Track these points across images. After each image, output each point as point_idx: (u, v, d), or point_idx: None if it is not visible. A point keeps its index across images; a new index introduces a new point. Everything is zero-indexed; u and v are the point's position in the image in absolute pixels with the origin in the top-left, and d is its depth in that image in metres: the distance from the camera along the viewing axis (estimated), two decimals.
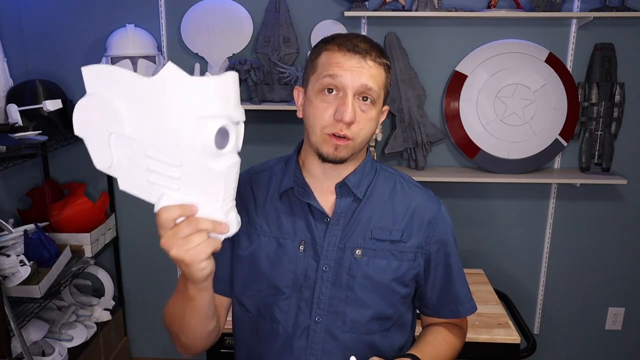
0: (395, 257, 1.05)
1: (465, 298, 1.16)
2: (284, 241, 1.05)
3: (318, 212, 1.04)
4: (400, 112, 2.37)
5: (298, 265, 1.04)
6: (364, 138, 1.00)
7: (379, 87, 0.99)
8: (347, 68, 0.96)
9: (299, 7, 2.33)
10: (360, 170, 1.07)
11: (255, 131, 2.46)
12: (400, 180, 1.12)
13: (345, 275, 1.03)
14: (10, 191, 2.33)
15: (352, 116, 0.95)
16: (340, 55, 0.97)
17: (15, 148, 1.77)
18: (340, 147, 0.97)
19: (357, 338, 1.04)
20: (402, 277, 1.06)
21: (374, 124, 1.01)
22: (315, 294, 1.03)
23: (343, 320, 1.03)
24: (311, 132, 1.00)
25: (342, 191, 1.05)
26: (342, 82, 0.96)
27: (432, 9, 2.24)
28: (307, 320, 1.03)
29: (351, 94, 0.96)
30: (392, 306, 1.06)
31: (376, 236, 1.04)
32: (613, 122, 2.36)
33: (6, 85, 2.06)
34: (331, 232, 1.04)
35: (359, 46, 0.98)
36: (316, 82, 0.99)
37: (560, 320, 2.63)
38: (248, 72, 2.28)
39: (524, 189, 2.48)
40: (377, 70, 0.99)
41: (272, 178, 1.10)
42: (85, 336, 2.24)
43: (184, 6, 2.35)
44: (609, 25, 2.30)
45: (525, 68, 2.31)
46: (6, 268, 1.83)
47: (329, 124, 0.97)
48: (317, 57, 1.01)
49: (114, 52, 2.25)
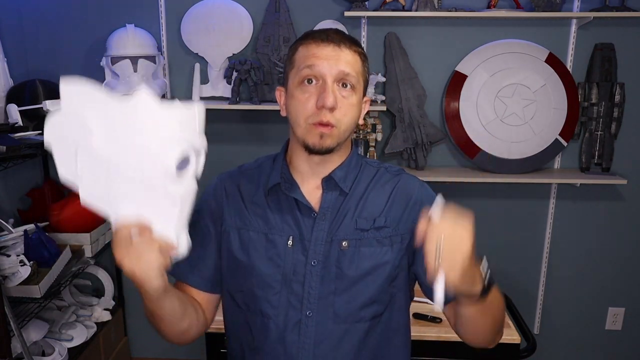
0: (380, 243, 1.05)
1: None
2: (272, 236, 1.06)
3: (305, 207, 1.06)
4: (400, 112, 2.37)
5: (287, 260, 1.05)
6: (347, 125, 1.02)
7: (356, 73, 1.02)
8: (323, 57, 0.99)
9: (299, 7, 2.33)
10: (347, 164, 1.08)
11: (256, 131, 2.46)
12: (382, 169, 1.13)
13: (333, 268, 1.04)
14: (10, 191, 2.33)
15: (334, 101, 0.98)
16: (315, 47, 1.01)
17: (15, 148, 1.77)
18: (326, 136, 0.99)
19: (349, 328, 1.05)
20: (391, 262, 1.06)
21: (356, 110, 1.03)
22: (305, 289, 1.04)
23: (334, 312, 1.04)
24: (296, 125, 1.02)
25: (328, 185, 1.07)
26: (320, 70, 0.99)
27: (432, 9, 2.24)
28: (299, 314, 1.04)
29: (330, 81, 0.99)
30: (382, 291, 1.06)
31: (361, 226, 1.05)
32: (613, 122, 2.36)
33: (6, 85, 2.06)
34: (318, 226, 1.05)
35: (333, 36, 1.02)
36: (295, 76, 1.02)
37: (560, 320, 2.63)
38: (248, 72, 2.28)
39: (524, 189, 2.47)
40: (353, 57, 1.02)
41: (261, 174, 1.12)
42: (85, 336, 2.24)
43: (184, 6, 2.35)
44: (609, 25, 2.30)
45: (525, 68, 2.31)
46: (6, 268, 1.83)
47: (312, 113, 0.99)
48: (294, 54, 1.04)
49: (114, 52, 2.25)
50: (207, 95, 2.41)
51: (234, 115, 2.46)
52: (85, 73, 2.43)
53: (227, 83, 2.33)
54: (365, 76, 1.06)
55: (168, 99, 2.44)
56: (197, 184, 0.84)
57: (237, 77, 2.28)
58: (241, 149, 2.48)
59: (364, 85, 1.06)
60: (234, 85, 2.29)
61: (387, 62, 2.35)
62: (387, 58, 2.35)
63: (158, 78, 2.32)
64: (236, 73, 2.28)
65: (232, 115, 2.46)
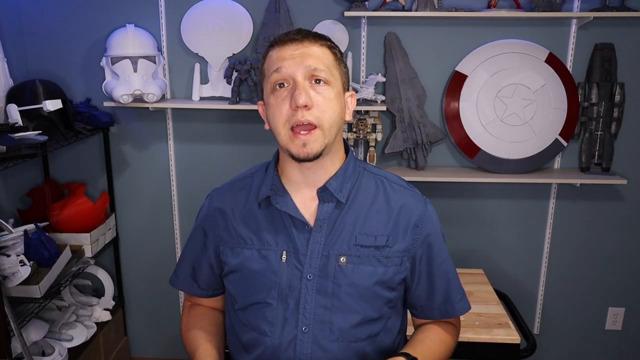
0: (380, 262, 1.03)
1: (455, 298, 1.11)
2: (266, 252, 1.04)
3: (299, 220, 1.02)
4: (400, 112, 2.37)
5: (282, 275, 1.02)
6: (330, 123, 0.97)
7: (326, 67, 0.97)
8: (288, 57, 0.96)
9: (299, 7, 2.33)
10: (342, 173, 1.04)
11: (256, 131, 2.46)
12: (385, 181, 1.09)
13: (330, 283, 1.01)
14: (10, 191, 2.33)
15: (307, 98, 0.94)
16: (279, 49, 0.98)
17: (15, 148, 1.77)
18: (309, 142, 0.95)
19: (345, 347, 1.02)
20: (388, 282, 1.04)
21: (337, 105, 0.98)
22: (300, 303, 1.01)
23: (330, 329, 1.01)
24: (277, 133, 0.98)
25: (323, 196, 1.03)
26: (287, 71, 0.96)
27: (432, 9, 2.23)
28: (294, 330, 1.01)
29: (301, 79, 0.95)
30: (378, 310, 1.04)
31: (361, 242, 1.02)
32: (613, 122, 2.36)
33: (6, 85, 2.06)
34: (314, 239, 1.02)
35: (294, 35, 0.99)
36: (267, 84, 0.99)
37: (560, 320, 2.63)
38: (248, 72, 2.28)
39: (524, 189, 2.47)
40: (321, 51, 0.98)
41: (253, 185, 1.09)
42: (85, 336, 2.24)
43: (184, 6, 2.35)
44: (609, 25, 2.30)
45: (525, 68, 2.31)
46: (6, 268, 1.83)
47: (289, 116, 0.95)
48: (264, 64, 1.02)
49: (114, 52, 2.25)
50: (207, 95, 2.41)
51: (234, 115, 2.46)
52: (85, 73, 2.43)
53: (227, 83, 2.33)
54: (341, 69, 1.02)
55: (168, 98, 2.44)
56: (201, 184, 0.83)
57: (237, 77, 2.29)
58: (241, 149, 2.48)
59: (342, 79, 1.02)
60: (234, 85, 2.29)
61: (387, 62, 2.35)
62: (387, 58, 2.35)
63: (158, 78, 2.32)
64: (236, 73, 2.28)
65: (232, 115, 2.46)
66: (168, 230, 2.58)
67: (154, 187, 2.55)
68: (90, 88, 2.44)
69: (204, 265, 1.13)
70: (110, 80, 2.28)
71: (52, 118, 2.01)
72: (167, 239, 2.60)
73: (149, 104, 2.27)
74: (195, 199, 2.47)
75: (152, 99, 2.24)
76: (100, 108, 2.41)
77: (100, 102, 2.37)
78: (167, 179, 2.53)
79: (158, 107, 2.33)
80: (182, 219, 2.57)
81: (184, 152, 2.52)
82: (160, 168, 2.53)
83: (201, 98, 2.40)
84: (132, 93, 2.20)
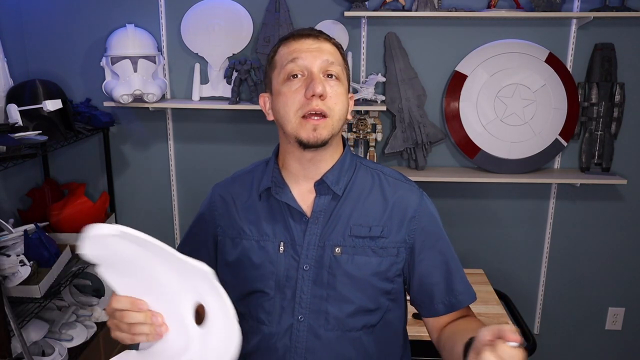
0: (375, 253, 1.04)
1: (458, 289, 1.09)
2: (264, 243, 1.06)
3: (296, 211, 1.05)
4: (400, 112, 2.37)
5: (279, 266, 1.04)
6: (339, 115, 1.01)
7: (339, 64, 1.02)
8: (305, 50, 1.00)
9: (299, 7, 2.33)
10: (339, 166, 1.06)
11: (256, 131, 2.46)
12: (380, 174, 1.11)
13: (325, 273, 1.03)
14: (10, 191, 2.33)
15: (323, 88, 0.97)
16: (295, 42, 1.02)
17: (15, 148, 1.77)
18: (319, 127, 0.98)
19: (340, 336, 1.04)
20: (385, 273, 1.05)
21: (345, 100, 1.03)
22: (297, 293, 1.03)
23: (326, 318, 1.03)
24: (286, 121, 1.01)
25: (320, 189, 1.05)
26: (304, 63, 0.99)
27: (432, 9, 2.24)
28: (290, 319, 1.03)
29: (316, 71, 0.99)
30: (374, 301, 1.05)
31: (355, 233, 1.04)
32: (613, 122, 2.36)
33: (6, 85, 2.06)
34: (310, 230, 1.04)
35: (310, 31, 1.03)
36: (280, 74, 1.02)
37: (560, 320, 2.63)
38: (248, 72, 2.28)
39: (524, 189, 2.47)
40: (333, 49, 1.04)
41: (254, 179, 1.12)
42: (85, 336, 2.24)
43: (184, 6, 2.35)
44: (609, 25, 2.30)
45: (525, 68, 2.31)
46: (6, 268, 1.83)
47: (302, 104, 0.98)
48: (275, 55, 1.05)
49: (114, 52, 2.25)
50: (207, 95, 2.41)
51: (234, 115, 2.46)
52: (85, 73, 2.43)
53: (227, 83, 2.33)
54: (347, 70, 1.07)
55: (168, 98, 2.44)
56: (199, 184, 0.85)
57: (237, 77, 2.29)
58: (241, 149, 2.48)
59: (347, 80, 1.06)
60: (234, 85, 2.29)
61: (387, 62, 2.35)
62: (387, 58, 2.35)
63: (158, 78, 2.32)
64: (236, 73, 2.28)
65: (232, 115, 2.46)
66: (168, 230, 2.58)
67: (154, 187, 2.55)
68: (90, 88, 2.44)
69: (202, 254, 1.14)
70: (110, 80, 2.28)
71: (52, 118, 2.01)
72: (167, 239, 2.58)
73: (149, 104, 2.27)
74: (195, 199, 2.47)
75: (152, 99, 2.24)
76: (100, 108, 2.41)
77: (100, 102, 2.37)
78: (167, 179, 2.54)
79: (158, 107, 2.33)
80: (182, 219, 2.57)
81: (184, 152, 2.52)
82: (160, 168, 2.53)
83: (201, 98, 2.40)
84: (132, 93, 2.20)
